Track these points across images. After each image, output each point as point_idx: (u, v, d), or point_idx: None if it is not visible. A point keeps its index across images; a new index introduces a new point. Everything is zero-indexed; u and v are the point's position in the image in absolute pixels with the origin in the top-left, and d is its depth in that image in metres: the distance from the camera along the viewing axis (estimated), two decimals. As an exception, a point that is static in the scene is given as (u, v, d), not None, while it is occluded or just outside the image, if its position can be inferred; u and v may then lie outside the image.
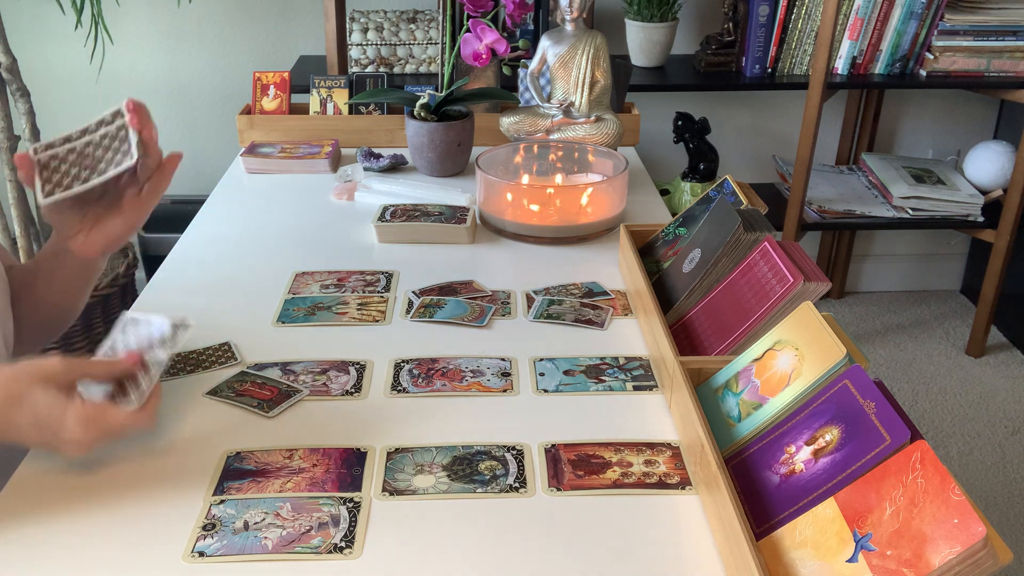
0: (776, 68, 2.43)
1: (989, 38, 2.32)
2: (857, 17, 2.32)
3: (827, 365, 0.76)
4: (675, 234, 1.17)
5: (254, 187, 1.52)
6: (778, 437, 0.75)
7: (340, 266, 1.22)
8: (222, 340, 1.03)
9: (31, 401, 0.76)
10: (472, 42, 1.40)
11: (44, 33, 2.51)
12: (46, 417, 0.75)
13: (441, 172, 1.54)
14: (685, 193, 2.37)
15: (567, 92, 1.48)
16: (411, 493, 0.79)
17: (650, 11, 2.38)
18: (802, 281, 0.87)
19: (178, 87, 2.62)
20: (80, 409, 0.76)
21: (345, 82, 1.69)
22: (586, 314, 1.10)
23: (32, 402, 0.76)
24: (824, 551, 0.64)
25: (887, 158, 2.67)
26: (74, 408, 0.76)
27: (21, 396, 0.75)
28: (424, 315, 1.09)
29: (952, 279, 3.04)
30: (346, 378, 0.96)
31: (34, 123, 2.16)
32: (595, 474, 0.81)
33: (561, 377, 0.97)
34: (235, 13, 2.55)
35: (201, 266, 1.23)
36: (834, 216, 2.46)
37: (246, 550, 0.72)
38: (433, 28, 2.36)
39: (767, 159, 2.79)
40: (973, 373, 2.58)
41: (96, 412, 0.77)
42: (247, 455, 0.84)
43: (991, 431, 2.32)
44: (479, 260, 1.26)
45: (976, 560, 0.56)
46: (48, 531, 0.74)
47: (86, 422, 0.76)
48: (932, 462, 0.61)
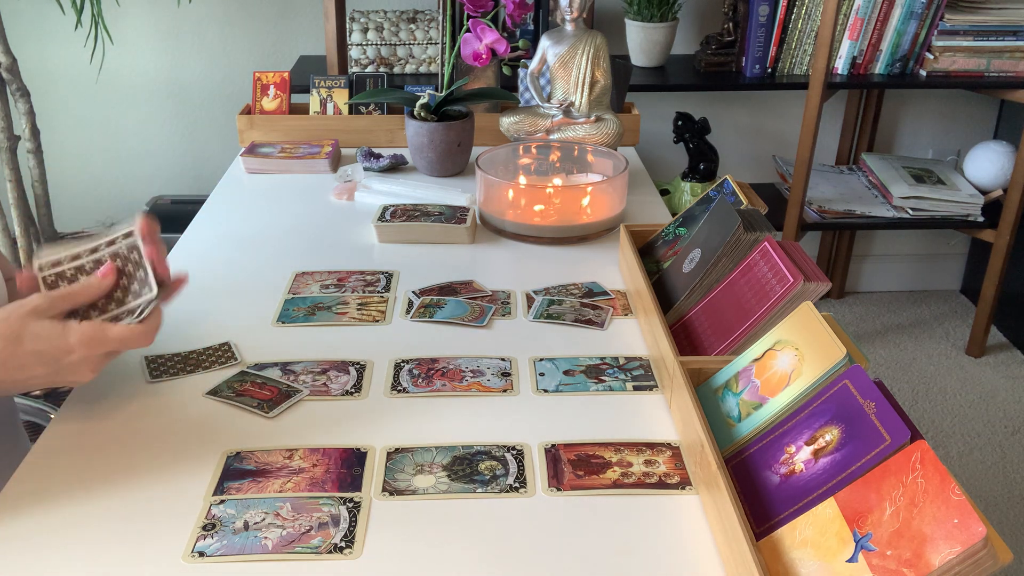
0: (776, 68, 2.43)
1: (989, 38, 2.32)
2: (857, 17, 2.32)
3: (827, 365, 0.76)
4: (675, 234, 1.17)
5: (254, 187, 1.52)
6: (778, 437, 0.75)
7: (340, 266, 1.22)
8: (222, 340, 1.03)
9: (30, 334, 0.77)
10: (472, 42, 1.40)
11: (44, 33, 2.51)
12: (48, 345, 0.77)
13: (441, 172, 1.54)
14: (685, 193, 2.37)
15: (567, 92, 1.48)
16: (411, 493, 0.79)
17: (650, 11, 2.39)
18: (802, 281, 0.87)
19: (178, 87, 2.62)
20: (79, 329, 0.78)
21: (345, 82, 1.69)
22: (586, 314, 1.10)
23: (32, 335, 0.77)
24: (824, 551, 0.64)
25: (887, 158, 2.67)
26: (73, 330, 0.78)
27: (19, 333, 0.77)
28: (424, 315, 1.09)
29: (952, 279, 3.04)
30: (346, 378, 0.96)
31: (34, 123, 2.16)
32: (595, 474, 0.81)
33: (561, 377, 0.97)
34: (235, 13, 2.55)
35: (201, 266, 1.23)
36: (834, 216, 2.46)
37: (246, 550, 0.72)
38: (433, 28, 2.36)
39: (767, 159, 2.79)
40: (973, 373, 2.58)
41: (96, 329, 0.79)
42: (247, 455, 0.84)
43: (991, 431, 2.32)
44: (479, 260, 1.26)
45: (976, 560, 0.56)
46: (48, 531, 0.74)
47: (89, 340, 0.78)
48: (932, 462, 0.61)
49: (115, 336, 0.80)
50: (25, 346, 0.77)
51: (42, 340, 0.77)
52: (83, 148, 2.68)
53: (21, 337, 0.77)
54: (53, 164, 2.54)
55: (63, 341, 0.78)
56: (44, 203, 2.27)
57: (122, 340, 0.80)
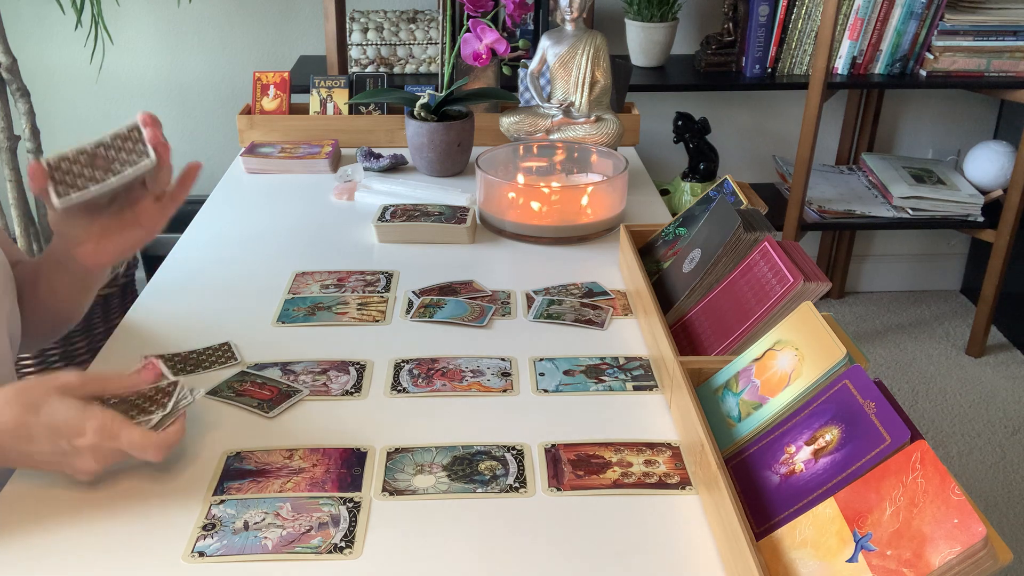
0: (776, 68, 2.43)
1: (989, 38, 2.32)
2: (857, 17, 2.32)
3: (827, 365, 0.76)
4: (675, 234, 1.17)
5: (254, 187, 1.52)
6: (778, 437, 0.75)
7: (340, 266, 1.22)
8: (222, 340, 1.03)
9: (49, 408, 0.75)
10: (472, 42, 1.40)
11: (44, 33, 2.51)
12: (63, 422, 0.75)
13: (441, 172, 1.54)
14: (685, 193, 2.37)
15: (567, 92, 1.48)
16: (411, 493, 0.79)
17: (650, 11, 2.38)
18: (802, 281, 0.87)
19: (178, 87, 2.62)
20: (99, 416, 0.76)
21: (345, 82, 1.69)
22: (586, 314, 1.10)
23: (50, 410, 0.75)
24: (824, 551, 0.64)
25: (887, 158, 2.67)
26: (93, 415, 0.75)
27: (39, 403, 0.75)
28: (424, 315, 1.09)
29: (952, 279, 3.04)
30: (346, 378, 0.96)
31: (34, 123, 2.16)
32: (595, 474, 0.81)
33: (561, 377, 0.97)
34: (235, 13, 2.55)
35: (201, 266, 1.23)
36: (834, 216, 2.46)
37: (246, 550, 0.72)
38: (433, 28, 2.36)
39: (767, 159, 2.79)
40: (973, 373, 2.58)
41: (114, 423, 0.76)
42: (247, 455, 0.84)
43: (991, 431, 2.32)
44: (479, 260, 1.26)
45: (976, 560, 0.56)
46: (48, 531, 0.74)
47: (103, 430, 0.75)
48: (932, 462, 0.61)
49: (128, 436, 0.76)
50: (40, 417, 0.75)
51: (59, 415, 0.75)
52: (83, 148, 2.68)
53: (39, 408, 0.75)
54: (53, 164, 2.53)
55: (78, 422, 0.75)
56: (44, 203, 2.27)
57: (133, 444, 0.77)
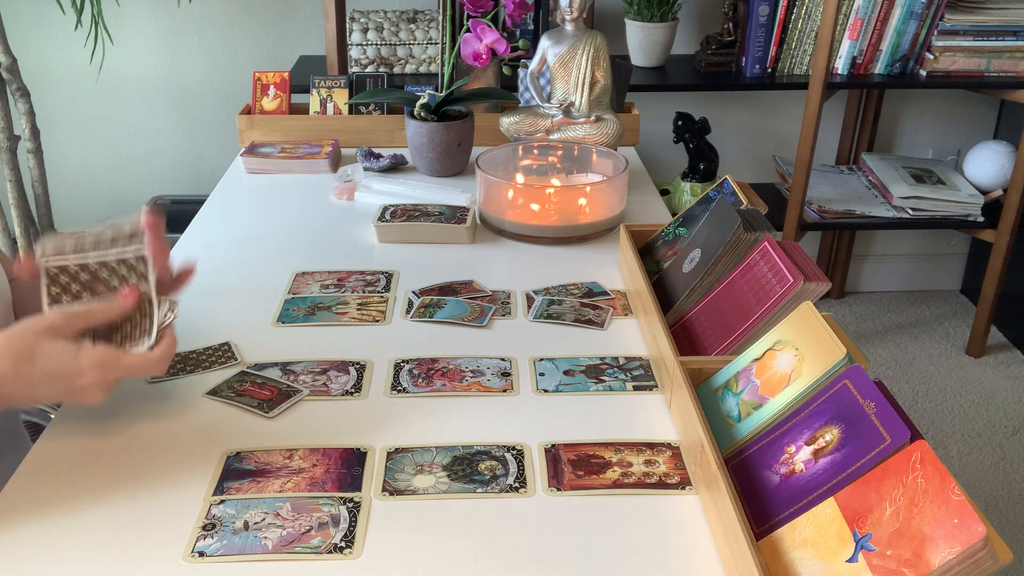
0: (776, 68, 2.43)
1: (989, 38, 2.32)
2: (857, 17, 2.32)
3: (827, 365, 0.76)
4: (675, 234, 1.17)
5: (254, 187, 1.52)
6: (778, 437, 0.75)
7: (340, 266, 1.22)
8: (222, 340, 1.03)
9: (42, 353, 0.76)
10: (472, 42, 1.40)
11: (44, 33, 2.51)
12: (60, 366, 0.76)
13: (441, 172, 1.54)
14: (685, 193, 2.37)
15: (567, 92, 1.48)
16: (411, 493, 0.79)
17: (650, 11, 2.38)
18: (802, 281, 0.87)
19: (178, 87, 2.62)
20: (92, 352, 0.77)
21: (345, 82, 1.69)
22: (586, 314, 1.10)
23: (43, 354, 0.76)
24: (824, 551, 0.64)
25: (887, 158, 2.67)
26: (86, 353, 0.77)
27: (31, 350, 0.76)
28: (424, 315, 1.09)
29: (952, 279, 3.04)
30: (346, 378, 0.96)
31: (34, 123, 2.16)
32: (595, 474, 0.81)
33: (561, 377, 0.97)
34: (235, 13, 2.55)
35: (201, 266, 1.22)
36: (834, 216, 2.46)
37: (246, 550, 0.72)
38: (433, 28, 2.36)
39: (767, 159, 2.79)
40: (973, 373, 2.58)
41: (109, 355, 0.78)
42: (247, 455, 0.84)
43: (991, 431, 2.32)
44: (479, 260, 1.26)
45: (976, 560, 0.56)
46: (48, 531, 0.74)
47: (100, 365, 0.77)
48: (932, 462, 0.61)
49: (127, 364, 0.79)
50: (37, 364, 0.76)
51: (54, 360, 0.76)
52: (83, 148, 2.68)
53: (34, 355, 0.76)
54: (53, 164, 2.54)
55: (75, 363, 0.76)
56: (44, 203, 2.27)
57: (134, 368, 0.79)
